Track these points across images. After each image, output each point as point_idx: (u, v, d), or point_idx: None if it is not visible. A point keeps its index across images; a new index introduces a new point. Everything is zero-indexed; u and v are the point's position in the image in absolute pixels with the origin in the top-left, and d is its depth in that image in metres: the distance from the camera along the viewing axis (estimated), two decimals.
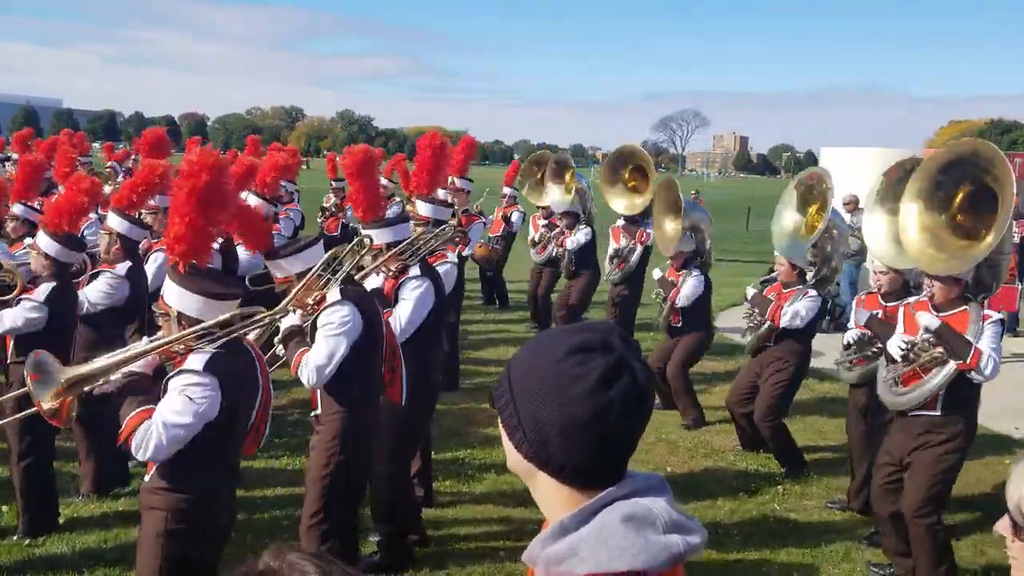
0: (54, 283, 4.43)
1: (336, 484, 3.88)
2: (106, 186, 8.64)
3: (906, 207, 4.36)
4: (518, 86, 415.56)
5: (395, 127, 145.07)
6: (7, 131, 52.12)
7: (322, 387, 3.85)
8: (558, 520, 1.20)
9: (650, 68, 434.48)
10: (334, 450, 3.86)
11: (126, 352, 3.04)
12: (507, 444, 1.27)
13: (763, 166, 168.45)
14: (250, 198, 7.22)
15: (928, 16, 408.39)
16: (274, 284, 4.08)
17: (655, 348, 7.55)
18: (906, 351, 4.36)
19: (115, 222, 5.09)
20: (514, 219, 11.18)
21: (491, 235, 11.04)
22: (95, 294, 4.87)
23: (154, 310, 3.20)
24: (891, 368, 4.47)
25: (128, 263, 5.05)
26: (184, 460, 2.94)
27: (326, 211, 12.04)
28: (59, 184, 8.07)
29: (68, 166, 7.91)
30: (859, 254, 10.42)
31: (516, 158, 20.60)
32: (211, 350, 2.93)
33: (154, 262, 5.56)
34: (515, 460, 1.26)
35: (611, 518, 1.18)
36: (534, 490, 1.28)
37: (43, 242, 4.49)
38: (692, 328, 7.13)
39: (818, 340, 6.42)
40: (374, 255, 4.43)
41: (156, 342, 3.05)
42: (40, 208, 6.01)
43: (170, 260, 3.10)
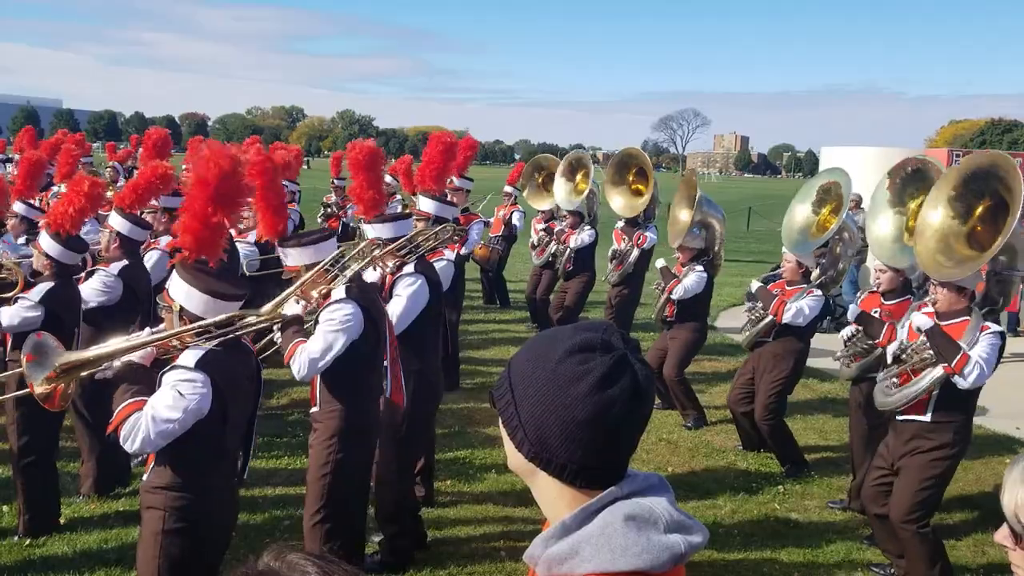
0: (52, 283, 4.44)
1: (336, 483, 3.87)
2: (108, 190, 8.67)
3: (930, 211, 4.35)
4: (518, 86, 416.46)
5: (395, 127, 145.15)
6: (7, 131, 52.21)
7: (321, 384, 3.85)
8: (560, 520, 1.20)
9: (650, 68, 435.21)
10: (332, 449, 3.86)
11: (124, 342, 3.07)
12: (508, 444, 1.26)
13: (764, 166, 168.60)
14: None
15: (928, 16, 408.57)
16: (272, 271, 4.07)
17: (650, 349, 7.53)
18: (899, 353, 4.37)
19: (116, 221, 5.10)
20: (515, 220, 11.18)
21: (491, 235, 11.06)
22: (88, 292, 4.88)
23: (159, 302, 3.20)
24: (888, 370, 4.48)
25: (124, 262, 5.05)
26: (180, 459, 2.94)
27: (328, 208, 12.05)
28: (58, 183, 8.08)
29: (70, 165, 7.91)
30: (860, 254, 10.42)
31: (519, 159, 20.64)
32: (206, 347, 2.94)
33: (148, 260, 5.58)
34: (516, 460, 1.26)
35: (613, 518, 1.17)
36: (535, 490, 1.28)
37: (45, 243, 4.49)
38: (685, 323, 7.06)
39: (820, 339, 6.42)
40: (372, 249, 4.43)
41: (155, 335, 3.08)
42: (39, 206, 6.02)
43: (180, 254, 3.07)
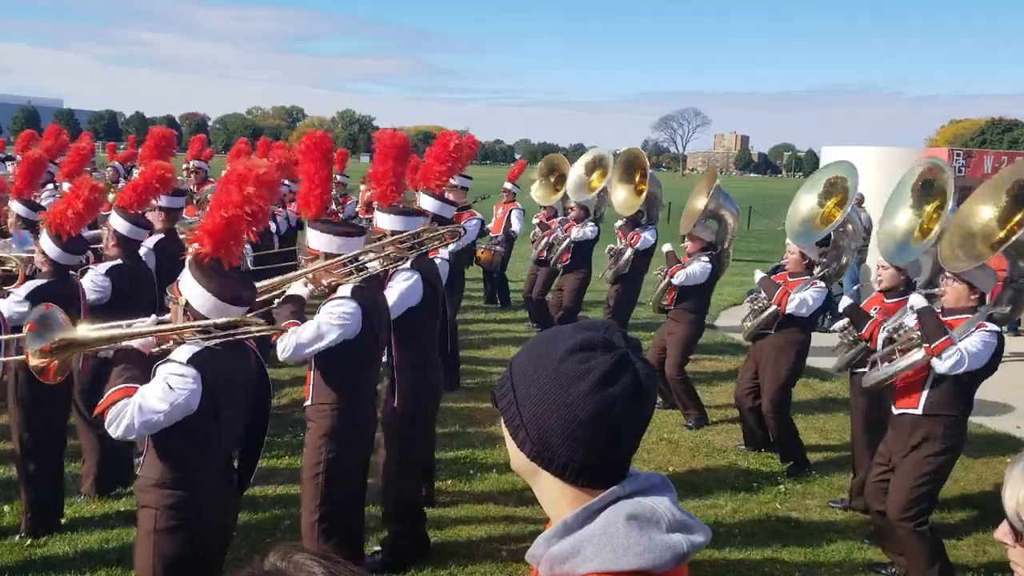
0: (44, 281, 4.46)
1: (330, 482, 3.88)
2: (109, 192, 8.65)
3: (979, 207, 4.34)
4: (518, 86, 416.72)
5: (395, 127, 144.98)
6: (8, 131, 52.18)
7: (314, 378, 3.89)
8: (561, 519, 1.20)
9: (650, 68, 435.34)
10: (323, 448, 3.87)
11: (126, 329, 3.10)
12: (510, 444, 1.26)
13: (764, 165, 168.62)
14: None
15: (928, 16, 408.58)
16: (265, 267, 4.06)
17: (650, 347, 7.52)
18: (891, 333, 4.42)
19: (115, 221, 5.10)
20: (514, 219, 11.16)
21: (492, 235, 11.05)
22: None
23: (167, 292, 3.20)
24: (881, 350, 4.53)
25: (117, 262, 5.04)
26: (171, 453, 2.95)
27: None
28: (61, 180, 8.06)
29: (78, 164, 7.88)
30: (860, 253, 10.43)
31: (520, 157, 20.63)
32: (201, 345, 2.95)
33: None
34: (518, 460, 1.26)
35: (615, 517, 1.17)
36: (537, 490, 1.27)
37: (45, 243, 4.50)
38: (682, 316, 7.05)
39: (821, 339, 6.41)
40: (378, 237, 4.48)
41: (156, 327, 3.11)
42: (38, 204, 6.00)
43: (197, 250, 3.05)
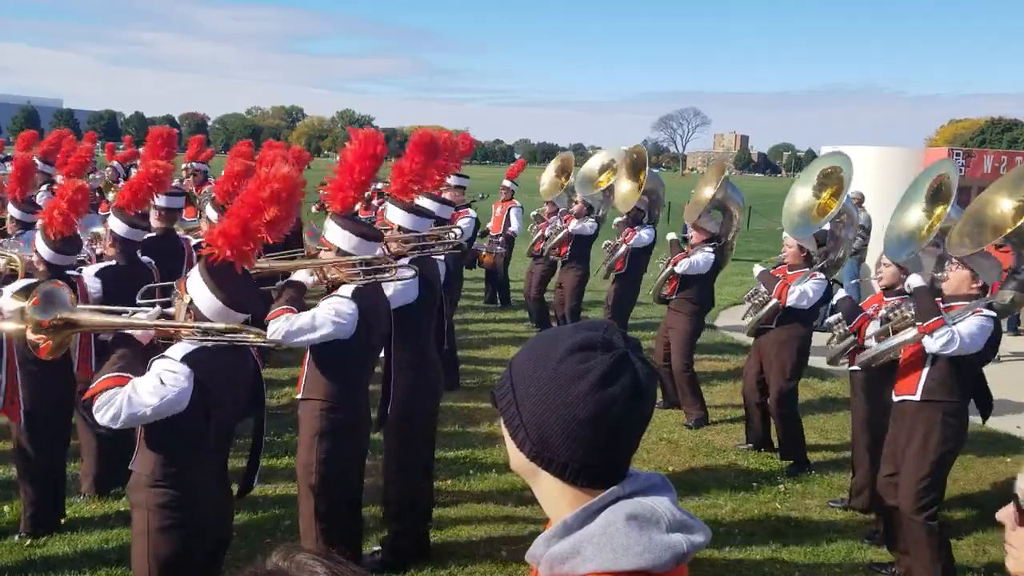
0: (35, 280, 4.45)
1: (325, 482, 3.88)
2: (109, 192, 8.65)
3: (998, 198, 4.35)
4: (518, 86, 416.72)
5: (395, 127, 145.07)
6: (7, 131, 52.15)
7: (308, 370, 3.91)
8: (561, 519, 1.20)
9: (650, 68, 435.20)
10: (315, 448, 3.89)
11: (127, 318, 3.12)
12: (510, 444, 1.26)
13: (764, 165, 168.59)
14: None
15: (928, 16, 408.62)
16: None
17: (655, 343, 7.52)
18: (887, 312, 4.48)
19: (113, 222, 5.10)
20: (513, 218, 11.15)
21: (492, 235, 11.05)
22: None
23: (174, 288, 3.20)
24: (877, 330, 4.61)
25: (111, 263, 5.02)
26: (163, 448, 2.95)
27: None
28: (64, 177, 8.05)
29: (79, 165, 7.87)
30: (860, 252, 10.42)
31: (520, 157, 20.62)
32: (198, 344, 2.95)
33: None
34: (518, 460, 1.25)
35: (615, 517, 1.17)
36: (537, 490, 1.27)
37: (39, 244, 4.51)
38: (682, 308, 7.07)
39: (821, 338, 6.41)
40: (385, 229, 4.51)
41: (159, 320, 3.12)
42: (38, 205, 5.98)
43: (210, 252, 3.04)
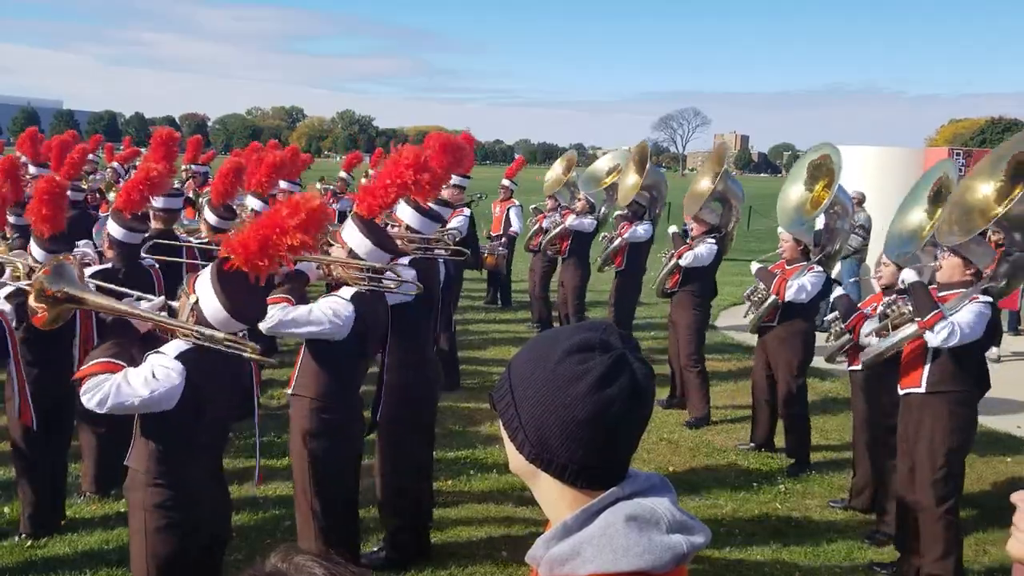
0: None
1: (320, 483, 3.89)
2: (110, 193, 8.65)
3: (979, 185, 4.32)
4: (518, 86, 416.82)
5: (395, 127, 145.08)
6: (8, 132, 52.10)
7: (300, 363, 3.91)
8: (561, 521, 1.20)
9: (650, 68, 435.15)
10: (306, 449, 3.89)
11: (128, 307, 3.15)
12: (509, 446, 1.26)
13: (764, 165, 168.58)
14: (248, 200, 7.23)
15: (928, 16, 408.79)
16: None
17: (669, 345, 7.54)
18: (885, 309, 4.47)
19: (110, 225, 5.09)
20: (512, 217, 11.15)
21: (492, 235, 11.05)
22: None
23: (182, 284, 3.21)
24: (877, 326, 4.59)
25: (107, 266, 5.00)
26: (156, 447, 2.96)
27: (324, 192, 12.19)
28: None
29: (75, 169, 7.86)
30: (860, 252, 10.41)
31: (519, 156, 20.61)
32: (193, 343, 2.96)
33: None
34: (517, 462, 1.25)
35: (615, 518, 1.17)
36: (537, 491, 1.27)
37: (32, 246, 4.52)
38: (685, 302, 7.07)
39: (820, 338, 6.41)
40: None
41: (161, 315, 3.15)
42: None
43: (223, 253, 3.03)
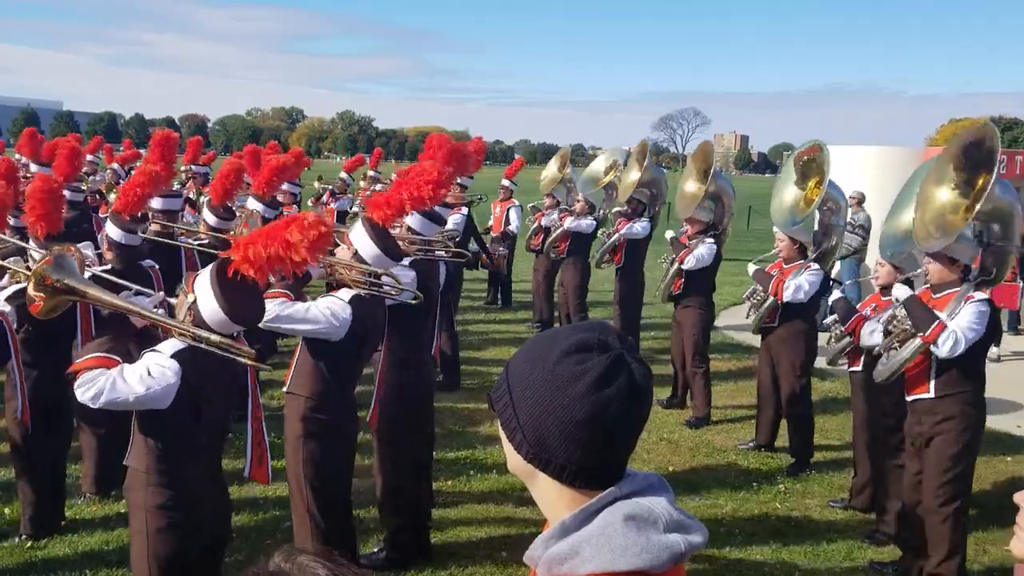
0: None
1: (314, 484, 3.89)
2: (111, 194, 8.64)
3: (936, 187, 4.34)
4: (518, 86, 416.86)
5: (395, 127, 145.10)
6: (7, 133, 52.08)
7: (297, 362, 3.92)
8: (559, 521, 1.20)
9: (650, 68, 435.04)
10: (300, 450, 3.89)
11: (126, 302, 3.16)
12: (507, 446, 1.26)
13: (764, 165, 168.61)
14: (250, 202, 7.23)
15: (928, 16, 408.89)
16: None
17: (671, 342, 7.55)
18: (886, 325, 4.43)
19: (108, 227, 5.10)
20: (512, 217, 11.15)
21: (492, 235, 11.05)
22: None
23: (181, 283, 3.21)
24: (883, 343, 4.55)
25: (106, 267, 5.01)
26: (155, 445, 2.96)
27: (324, 190, 12.20)
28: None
29: (71, 170, 7.86)
30: (859, 252, 10.41)
31: (519, 156, 20.63)
32: (189, 343, 2.96)
33: None
34: (516, 462, 1.26)
35: (613, 518, 1.17)
36: (535, 491, 1.27)
37: (33, 253, 4.53)
38: (690, 302, 7.08)
39: (821, 338, 6.41)
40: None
41: (157, 313, 3.15)
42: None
43: (226, 254, 3.03)
